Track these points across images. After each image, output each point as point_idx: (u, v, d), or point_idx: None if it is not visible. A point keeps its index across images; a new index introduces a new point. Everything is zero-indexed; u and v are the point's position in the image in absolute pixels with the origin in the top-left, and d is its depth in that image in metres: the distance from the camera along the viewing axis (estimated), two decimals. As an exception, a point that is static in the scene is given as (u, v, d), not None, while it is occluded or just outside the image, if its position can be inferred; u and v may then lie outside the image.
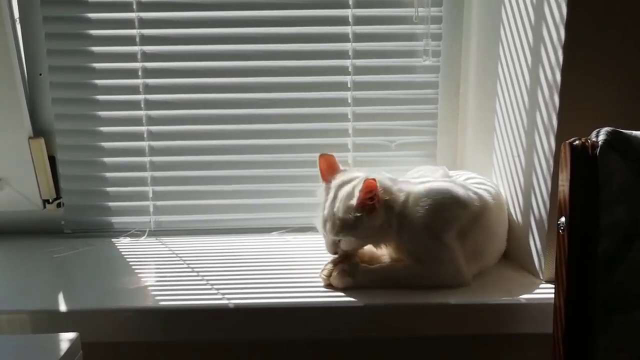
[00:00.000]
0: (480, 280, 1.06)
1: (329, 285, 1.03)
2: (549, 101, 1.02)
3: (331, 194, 1.02)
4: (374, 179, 0.96)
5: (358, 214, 0.97)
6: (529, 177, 1.09)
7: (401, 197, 1.02)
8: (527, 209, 1.10)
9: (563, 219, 0.82)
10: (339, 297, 1.00)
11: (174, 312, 1.00)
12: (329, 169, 1.08)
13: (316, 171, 1.36)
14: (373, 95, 1.36)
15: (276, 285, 1.06)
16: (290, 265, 1.17)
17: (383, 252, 1.07)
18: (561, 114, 0.99)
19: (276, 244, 1.32)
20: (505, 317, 1.00)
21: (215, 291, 1.05)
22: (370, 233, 1.00)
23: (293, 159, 1.39)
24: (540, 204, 1.06)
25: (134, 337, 1.00)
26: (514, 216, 1.14)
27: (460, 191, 1.05)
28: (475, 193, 1.07)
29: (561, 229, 0.82)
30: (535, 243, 1.08)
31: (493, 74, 1.22)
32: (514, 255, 1.13)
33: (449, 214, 1.02)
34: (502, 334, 1.01)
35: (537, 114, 1.05)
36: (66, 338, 0.81)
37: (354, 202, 0.97)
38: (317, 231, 1.35)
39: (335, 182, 1.04)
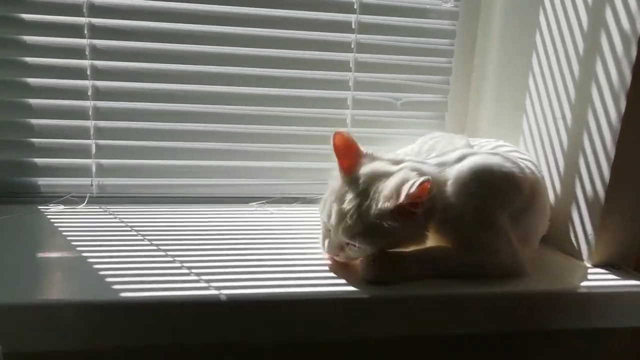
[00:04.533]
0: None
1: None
2: (621, 53, 0.84)
3: (359, 187, 0.78)
4: (429, 181, 0.73)
5: (393, 223, 0.74)
6: (578, 144, 0.91)
7: (446, 187, 0.81)
8: (571, 182, 0.93)
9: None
10: (362, 287, 0.78)
11: (142, 307, 0.72)
12: (347, 152, 0.81)
13: (308, 130, 1.15)
14: (380, 41, 1.13)
15: (271, 271, 0.82)
16: (281, 244, 0.92)
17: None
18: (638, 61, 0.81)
19: (256, 218, 1.06)
20: (568, 308, 0.82)
21: (196, 277, 0.78)
22: (393, 242, 0.78)
23: (279, 113, 1.13)
24: (596, 177, 0.89)
25: (79, 345, 0.72)
26: (553, 191, 0.97)
27: (512, 168, 0.85)
28: (526, 168, 0.88)
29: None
30: (582, 222, 0.92)
31: (529, 20, 1.03)
32: (550, 236, 0.96)
33: (502, 197, 0.83)
34: (564, 329, 0.83)
35: (599, 66, 0.87)
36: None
37: (390, 205, 0.74)
38: (306, 202, 1.15)
39: (364, 172, 0.79)
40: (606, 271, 0.89)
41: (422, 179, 0.72)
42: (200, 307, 0.72)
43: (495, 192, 0.82)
